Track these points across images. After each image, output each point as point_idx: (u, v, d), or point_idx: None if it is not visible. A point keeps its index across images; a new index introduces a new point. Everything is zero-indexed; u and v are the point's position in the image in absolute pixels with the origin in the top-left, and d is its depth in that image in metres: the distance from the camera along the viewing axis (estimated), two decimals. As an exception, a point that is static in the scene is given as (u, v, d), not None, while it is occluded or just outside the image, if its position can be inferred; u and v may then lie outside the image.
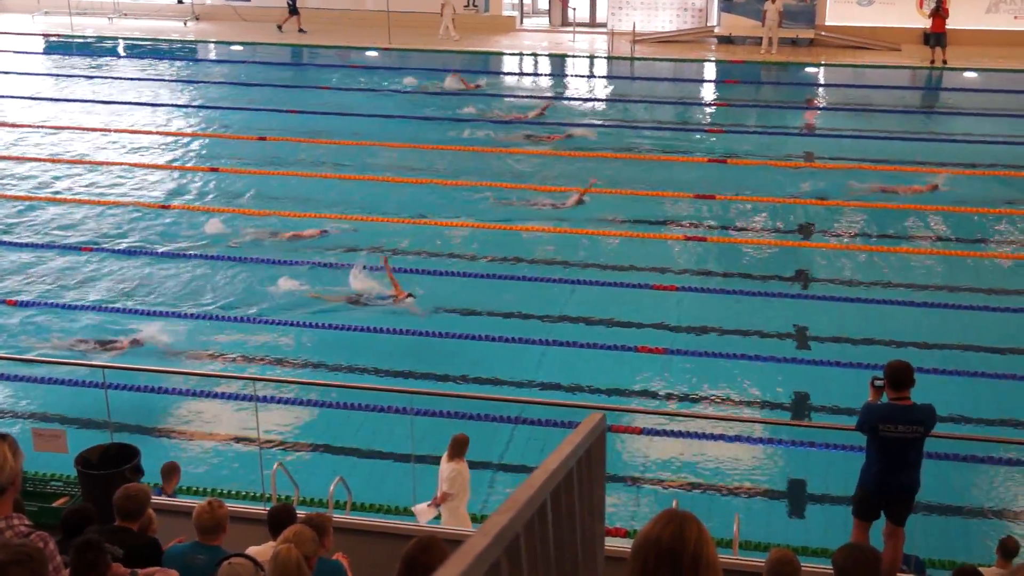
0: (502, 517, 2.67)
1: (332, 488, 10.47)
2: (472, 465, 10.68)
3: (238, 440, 12.90)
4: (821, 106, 28.34)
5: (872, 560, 5.14)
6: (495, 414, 13.08)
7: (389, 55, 32.71)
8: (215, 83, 30.05)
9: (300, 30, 34.79)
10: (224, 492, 11.50)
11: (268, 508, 8.30)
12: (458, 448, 10.45)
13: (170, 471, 10.42)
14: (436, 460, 11.22)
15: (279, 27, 34.92)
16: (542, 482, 3.07)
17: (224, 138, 24.44)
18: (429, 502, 10.53)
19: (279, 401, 13.57)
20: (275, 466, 10.57)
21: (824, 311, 16.02)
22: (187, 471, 11.27)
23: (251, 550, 7.10)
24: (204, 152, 23.63)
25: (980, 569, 7.84)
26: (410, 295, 15.90)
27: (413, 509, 10.68)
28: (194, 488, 11.58)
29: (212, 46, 34.65)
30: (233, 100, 27.55)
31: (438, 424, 12.70)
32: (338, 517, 9.36)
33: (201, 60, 33.46)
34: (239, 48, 33.58)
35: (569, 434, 3.72)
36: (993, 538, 10.38)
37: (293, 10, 34.95)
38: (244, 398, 13.38)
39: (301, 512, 7.89)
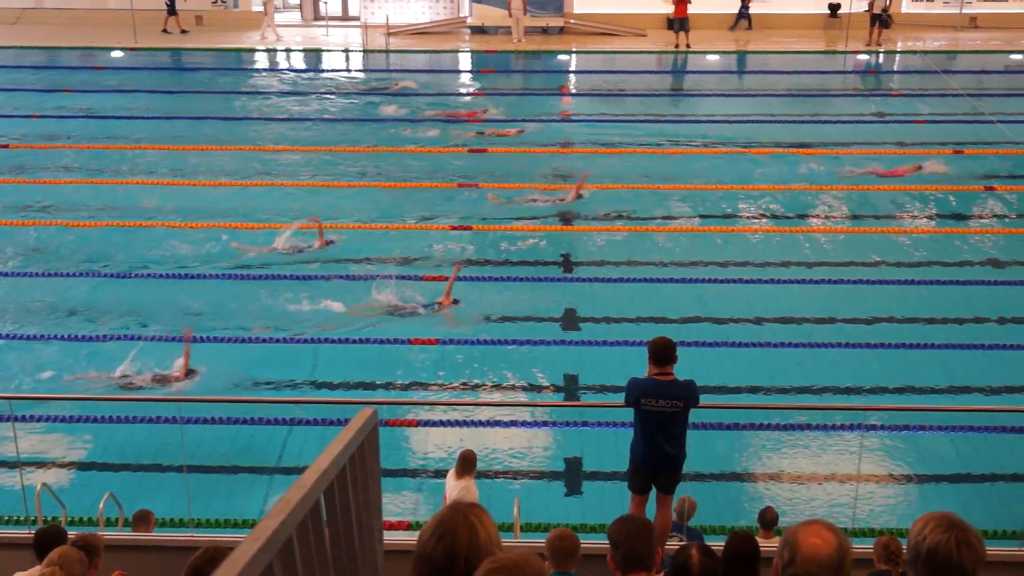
0: (272, 521, 2.62)
1: (102, 505, 10.04)
2: (248, 470, 10.46)
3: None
4: (575, 92, 29.05)
5: (644, 529, 5.29)
6: (269, 416, 12.84)
7: (136, 55, 31.57)
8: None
9: (182, 31, 33.70)
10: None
11: (34, 531, 7.88)
12: (468, 465, 10.06)
13: (140, 519, 9.76)
14: (209, 469, 10.95)
15: (164, 30, 33.69)
16: (313, 482, 3.02)
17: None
18: None
19: (38, 419, 12.90)
20: (38, 487, 10.05)
21: (590, 292, 16.43)
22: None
23: (16, 577, 6.74)
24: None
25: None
26: (455, 301, 15.58)
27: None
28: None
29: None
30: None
31: (209, 431, 12.39)
32: (111, 535, 8.99)
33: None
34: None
35: (340, 431, 3.68)
36: (763, 503, 10.90)
37: (171, 10, 33.72)
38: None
39: (73, 532, 7.53)
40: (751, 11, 34.77)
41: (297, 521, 2.83)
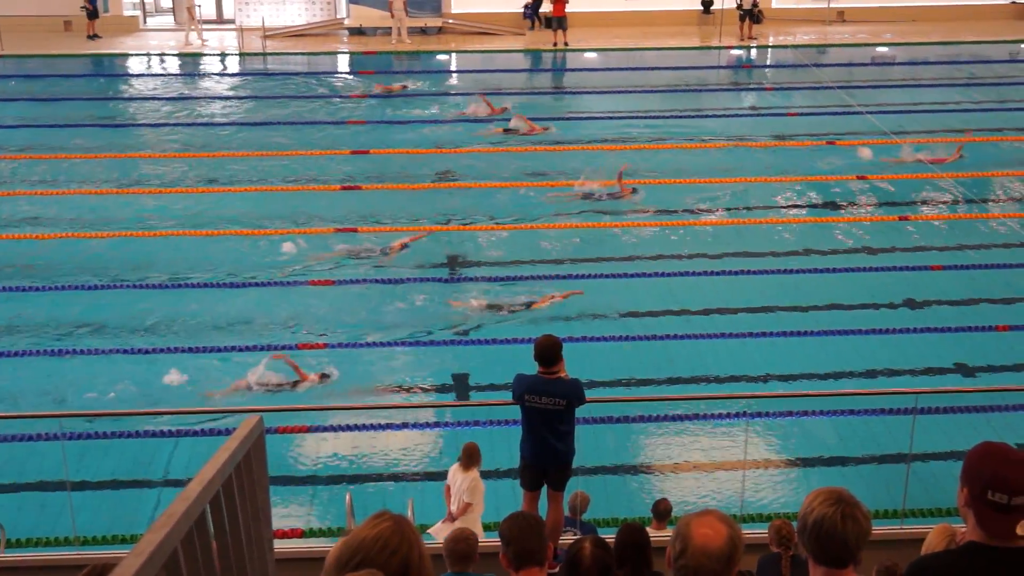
0: (156, 535, 2.56)
1: (-17, 527, 9.74)
2: (131, 484, 10.23)
3: None
4: (457, 92, 29.02)
5: (535, 525, 5.31)
6: (153, 429, 12.56)
7: (4, 62, 30.65)
8: None
9: (93, 35, 33.17)
10: None
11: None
12: (474, 457, 9.97)
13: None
14: (96, 484, 10.68)
15: (90, 35, 33.21)
16: (197, 494, 2.97)
17: None
18: (444, 519, 9.97)
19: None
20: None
21: (477, 291, 16.43)
22: None
23: None
24: None
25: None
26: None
27: (430, 531, 9.96)
28: None
29: None
30: None
31: (93, 446, 12.08)
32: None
33: None
34: None
35: (225, 441, 3.62)
36: (656, 494, 11.04)
37: (92, 14, 33.06)
38: None
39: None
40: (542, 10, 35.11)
41: (182, 533, 2.78)
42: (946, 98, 27.32)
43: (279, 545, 9.15)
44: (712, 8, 35.50)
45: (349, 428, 12.86)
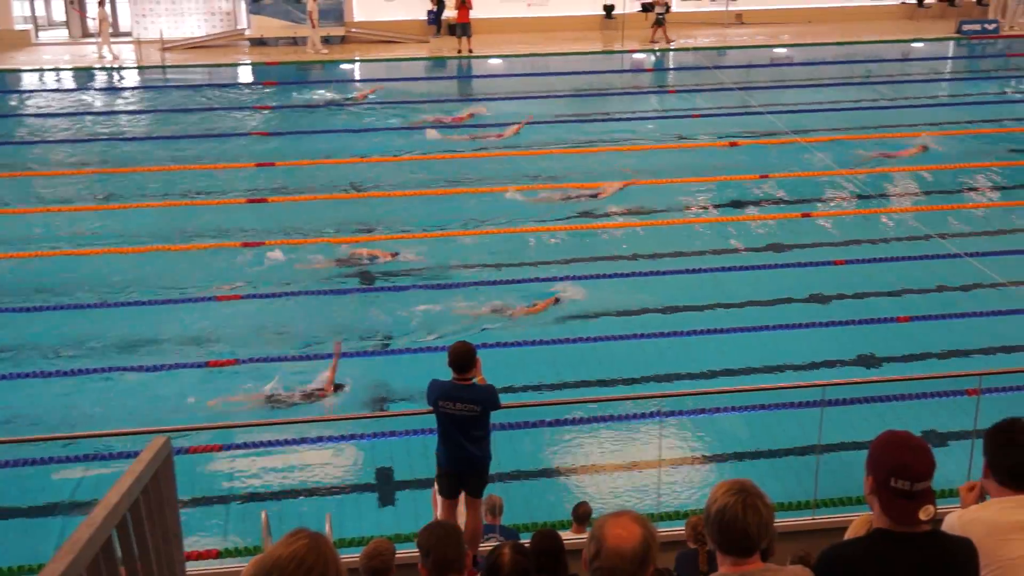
0: (59, 564, 2.50)
1: None
2: (35, 512, 9.97)
3: None
4: (365, 101, 28.88)
5: (452, 533, 5.31)
6: (60, 455, 12.25)
7: None
8: None
9: None
10: None
11: None
12: None
13: None
14: (23, 512, 10.47)
15: None
16: (103, 519, 2.91)
17: None
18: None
19: None
20: None
21: (390, 301, 16.37)
22: None
23: None
24: None
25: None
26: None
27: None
28: None
29: None
30: None
31: (10, 473, 11.80)
32: None
33: None
34: None
35: (131, 463, 3.56)
36: (574, 497, 11.08)
37: None
38: None
39: None
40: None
41: (88, 560, 2.72)
42: (843, 96, 27.92)
43: (193, 567, 9.02)
44: (614, 13, 35.85)
45: (263, 444, 12.69)
